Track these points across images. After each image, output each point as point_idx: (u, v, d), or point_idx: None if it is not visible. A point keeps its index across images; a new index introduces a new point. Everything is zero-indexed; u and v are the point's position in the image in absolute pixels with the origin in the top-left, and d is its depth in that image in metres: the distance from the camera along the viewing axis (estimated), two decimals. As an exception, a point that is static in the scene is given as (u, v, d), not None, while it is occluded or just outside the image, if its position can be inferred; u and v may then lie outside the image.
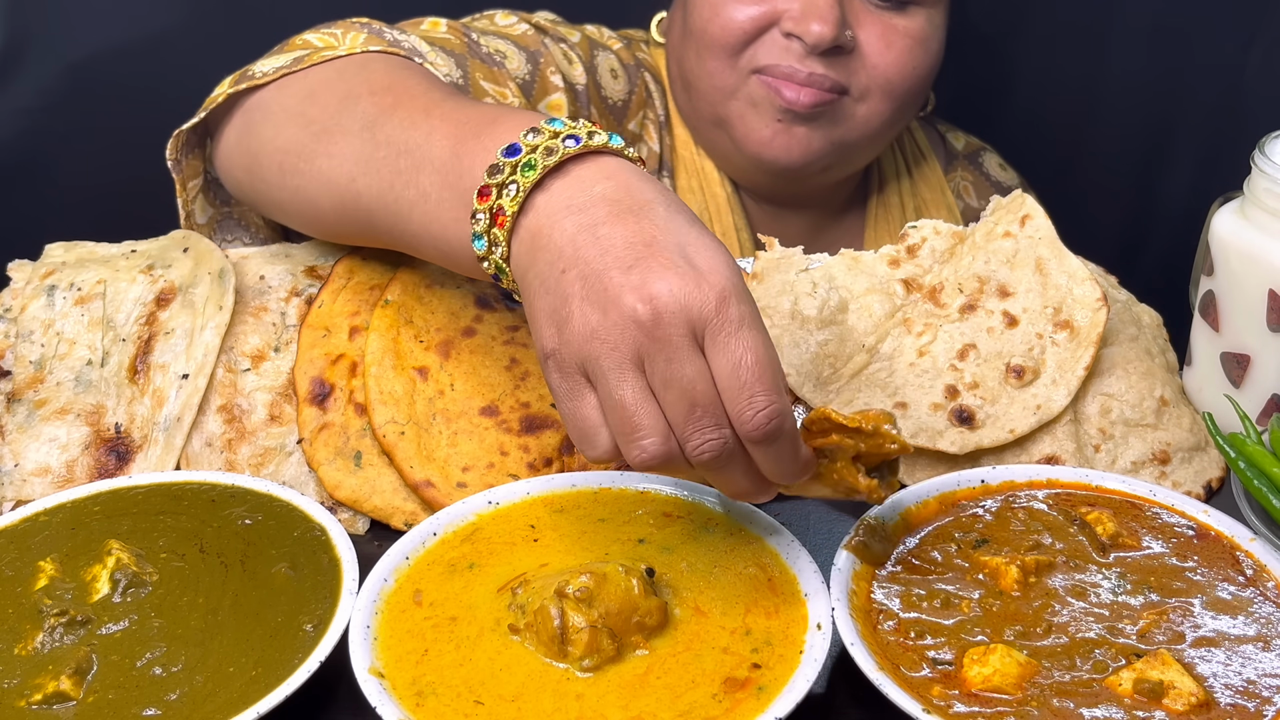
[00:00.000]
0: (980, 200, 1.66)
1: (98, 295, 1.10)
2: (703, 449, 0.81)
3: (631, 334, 0.80)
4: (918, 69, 1.41)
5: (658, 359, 0.80)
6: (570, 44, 1.43)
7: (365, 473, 1.03)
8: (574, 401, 0.84)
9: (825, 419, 0.85)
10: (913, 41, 1.39)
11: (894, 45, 1.39)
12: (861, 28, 1.38)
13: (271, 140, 1.11)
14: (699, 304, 0.80)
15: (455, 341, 1.08)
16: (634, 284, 0.80)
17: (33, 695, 0.80)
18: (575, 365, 0.83)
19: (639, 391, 0.81)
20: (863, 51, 1.38)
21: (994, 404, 1.06)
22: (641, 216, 0.84)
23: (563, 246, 0.84)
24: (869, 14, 1.38)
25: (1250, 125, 1.34)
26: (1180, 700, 0.77)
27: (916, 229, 1.19)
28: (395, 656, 0.82)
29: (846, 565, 0.87)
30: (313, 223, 1.13)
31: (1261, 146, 1.06)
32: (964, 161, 1.69)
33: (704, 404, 0.80)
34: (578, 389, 0.83)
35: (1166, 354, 1.16)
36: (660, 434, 0.81)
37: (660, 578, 0.88)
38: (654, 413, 0.81)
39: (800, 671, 0.79)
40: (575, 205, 0.85)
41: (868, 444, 0.85)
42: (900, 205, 1.61)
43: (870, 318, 1.13)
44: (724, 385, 0.80)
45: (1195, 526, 0.93)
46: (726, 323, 0.80)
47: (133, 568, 0.89)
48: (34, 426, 1.04)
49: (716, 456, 0.81)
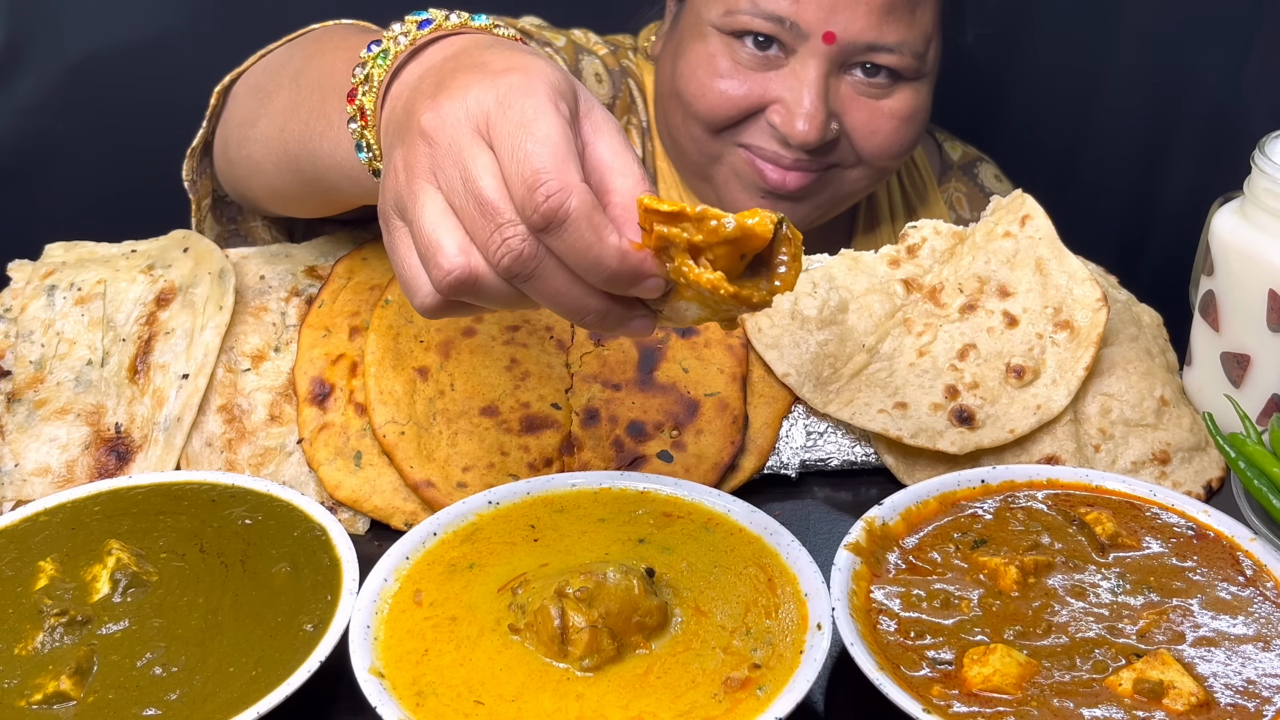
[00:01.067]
0: (974, 212, 1.66)
1: (98, 295, 1.10)
2: (501, 251, 0.72)
3: (422, 150, 0.75)
4: (904, 144, 1.41)
5: (446, 167, 0.74)
6: (555, 48, 1.43)
7: (365, 473, 1.03)
8: (394, 250, 0.77)
9: (645, 205, 0.73)
10: (899, 121, 1.38)
11: (880, 130, 1.38)
12: (847, 114, 1.37)
13: (233, 118, 1.14)
14: (481, 101, 0.74)
15: (455, 341, 1.08)
16: (426, 106, 0.76)
17: (33, 695, 0.80)
18: (393, 210, 0.77)
19: (435, 209, 0.74)
20: (849, 134, 1.38)
21: (994, 404, 1.06)
22: (467, 61, 0.79)
23: (400, 119, 0.80)
24: (855, 99, 1.36)
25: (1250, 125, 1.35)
26: (1180, 700, 0.77)
27: (916, 229, 1.19)
28: (395, 656, 0.82)
29: (846, 565, 0.87)
30: (268, 191, 1.12)
31: (1261, 146, 1.06)
32: (958, 173, 1.69)
33: (493, 201, 0.72)
34: (395, 234, 0.77)
35: (1166, 354, 1.16)
36: (458, 247, 0.73)
37: (660, 578, 0.88)
38: (452, 226, 0.74)
39: (800, 671, 0.79)
40: (414, 81, 0.81)
41: (700, 231, 0.73)
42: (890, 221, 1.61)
43: (870, 318, 1.13)
44: (508, 176, 0.72)
45: (1195, 526, 0.93)
46: (507, 110, 0.73)
47: (133, 568, 0.89)
48: (34, 426, 1.04)
49: (518, 257, 0.72)
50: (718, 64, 1.36)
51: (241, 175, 1.15)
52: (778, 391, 1.10)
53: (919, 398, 1.07)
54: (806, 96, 1.32)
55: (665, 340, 1.09)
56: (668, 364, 1.09)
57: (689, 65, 1.38)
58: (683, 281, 0.75)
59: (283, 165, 1.04)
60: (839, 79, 1.35)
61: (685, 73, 1.38)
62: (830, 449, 1.09)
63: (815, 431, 1.09)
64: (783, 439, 1.09)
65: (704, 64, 1.36)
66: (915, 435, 1.04)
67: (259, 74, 1.14)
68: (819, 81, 1.33)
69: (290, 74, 1.05)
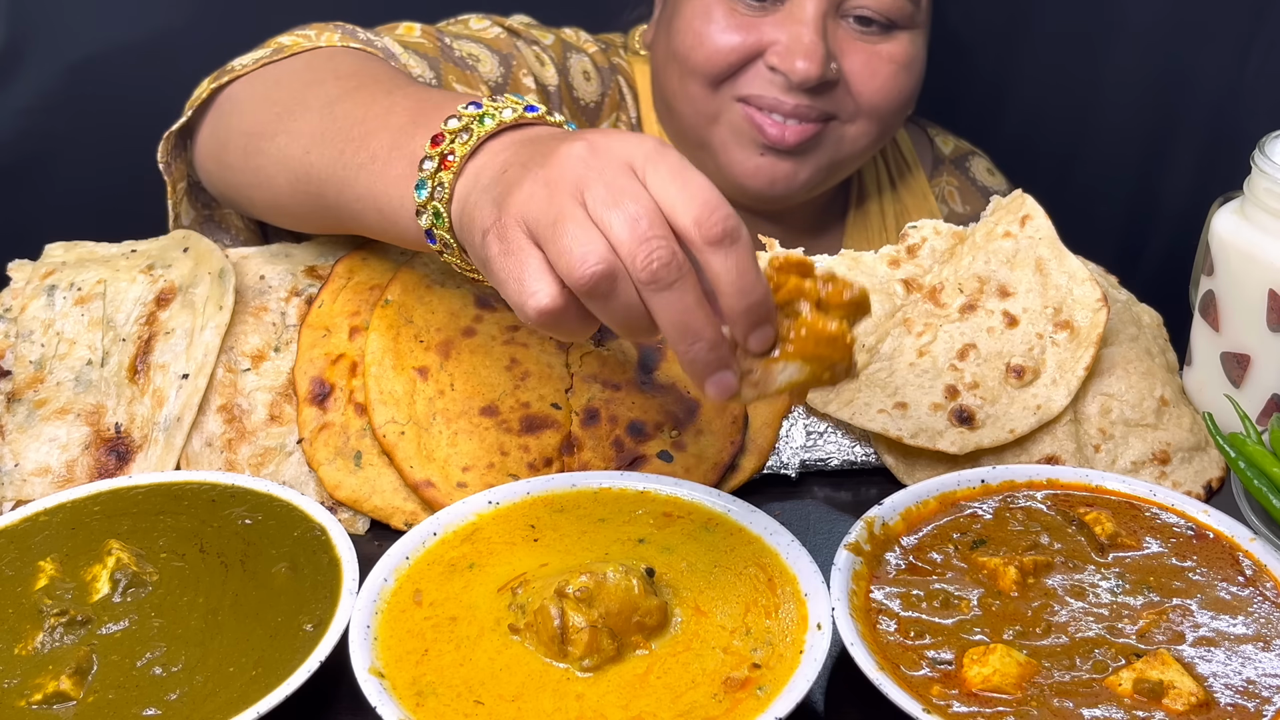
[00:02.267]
0: (965, 205, 1.66)
1: (98, 295, 1.10)
2: (652, 258, 0.78)
3: (571, 168, 0.80)
4: (903, 92, 1.42)
5: (597, 187, 0.79)
6: (544, 46, 1.44)
7: (365, 473, 1.03)
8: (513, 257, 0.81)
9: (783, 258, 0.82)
10: (897, 67, 1.40)
11: (879, 73, 1.39)
12: (845, 57, 1.38)
13: (238, 125, 1.14)
14: (630, 148, 0.81)
15: (455, 341, 1.08)
16: (573, 140, 0.82)
17: (33, 695, 0.80)
18: (518, 225, 0.81)
19: (582, 218, 0.79)
20: (848, 80, 1.38)
21: (994, 404, 1.06)
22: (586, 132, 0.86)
23: (507, 160, 0.86)
24: (852, 42, 1.38)
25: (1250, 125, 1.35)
26: (1180, 700, 0.77)
27: (916, 229, 1.19)
28: (395, 656, 0.82)
29: (846, 565, 0.87)
30: (271, 205, 1.14)
31: (1261, 146, 1.06)
32: (950, 166, 1.69)
33: (649, 218, 0.78)
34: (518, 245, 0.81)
35: (1166, 354, 1.16)
36: (605, 248, 0.78)
37: (660, 578, 0.88)
38: (597, 236, 0.79)
39: (800, 671, 0.79)
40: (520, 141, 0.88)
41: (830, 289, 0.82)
42: (880, 213, 1.61)
43: (870, 318, 1.13)
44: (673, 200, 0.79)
45: (1195, 526, 0.93)
46: (662, 155, 0.80)
47: (133, 568, 0.89)
48: (34, 426, 1.04)
49: (667, 264, 0.78)
50: (713, 14, 1.37)
51: (242, 182, 1.15)
52: (778, 391, 1.10)
53: (919, 398, 1.07)
54: (805, 33, 1.33)
55: (665, 340, 1.09)
56: (668, 364, 1.09)
57: (684, 21, 1.39)
58: (798, 335, 0.81)
59: (300, 186, 1.06)
60: (836, 23, 1.37)
61: (681, 28, 1.39)
62: (830, 449, 1.09)
63: (815, 431, 1.09)
64: (783, 439, 1.09)
65: (700, 16, 1.38)
66: (915, 435, 1.04)
67: (269, 85, 1.14)
68: (818, 19, 1.34)
69: (322, 100, 1.06)
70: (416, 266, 1.12)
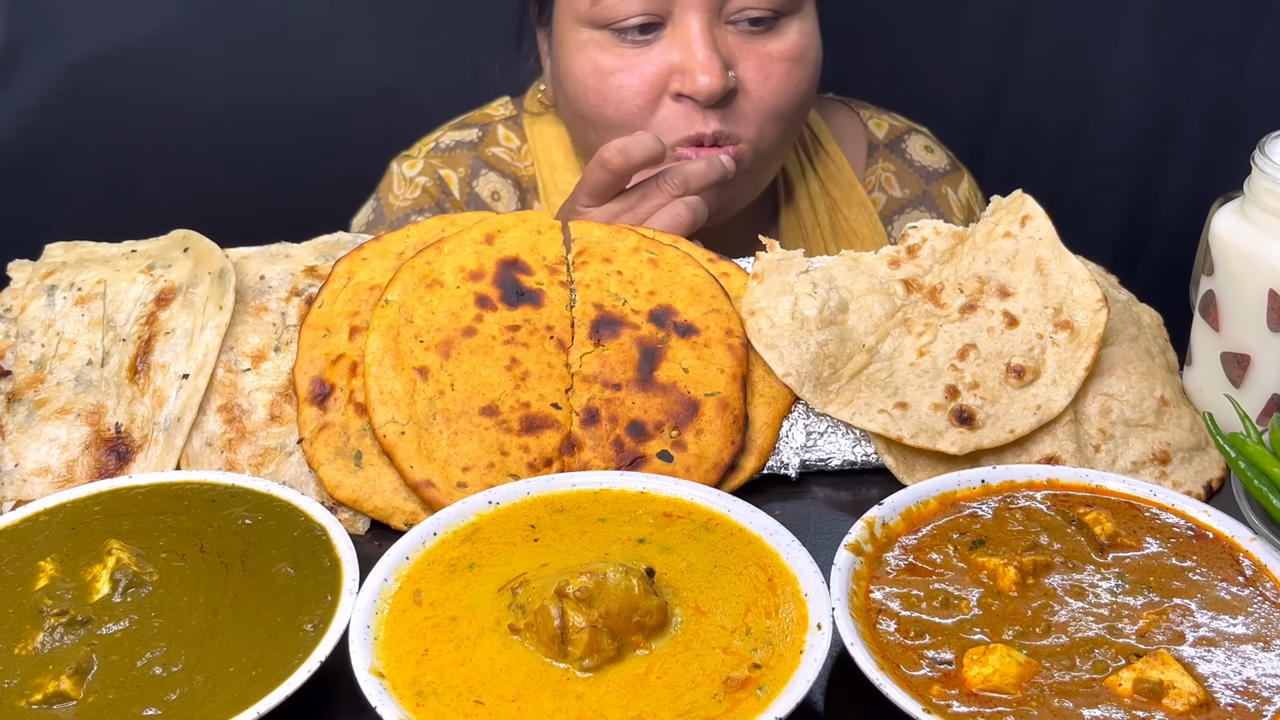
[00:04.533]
0: (904, 189, 1.65)
1: (98, 295, 1.10)
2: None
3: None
4: (799, 86, 1.43)
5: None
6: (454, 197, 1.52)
7: (365, 473, 1.03)
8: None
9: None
10: (789, 63, 1.40)
11: (772, 74, 1.40)
12: (738, 64, 1.39)
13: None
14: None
15: (455, 341, 1.08)
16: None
17: (33, 695, 0.80)
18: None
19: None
20: (744, 87, 1.39)
21: (994, 404, 1.06)
22: None
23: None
24: (742, 46, 1.39)
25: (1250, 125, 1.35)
26: (1180, 700, 0.77)
27: (917, 229, 1.19)
28: (395, 656, 0.82)
29: (846, 565, 0.87)
30: None
31: (1261, 146, 1.06)
32: (885, 151, 1.67)
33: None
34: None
35: (1166, 354, 1.16)
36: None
37: (660, 578, 0.88)
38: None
39: (800, 671, 0.79)
40: None
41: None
42: (812, 209, 1.61)
43: (870, 318, 1.13)
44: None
45: (1195, 526, 0.93)
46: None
47: (133, 568, 0.89)
48: (34, 426, 1.04)
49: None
50: (601, 63, 1.38)
51: None
52: (778, 391, 1.10)
53: (919, 398, 1.07)
54: (699, 49, 1.35)
55: (665, 340, 1.09)
56: (668, 364, 1.09)
57: (577, 81, 1.41)
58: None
59: None
60: (723, 30, 1.38)
61: (577, 89, 1.41)
62: (830, 449, 1.09)
63: (815, 431, 1.09)
64: (783, 439, 1.09)
65: (591, 72, 1.39)
66: (915, 435, 1.04)
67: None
68: (705, 32, 1.35)
69: None
70: (416, 266, 1.12)
